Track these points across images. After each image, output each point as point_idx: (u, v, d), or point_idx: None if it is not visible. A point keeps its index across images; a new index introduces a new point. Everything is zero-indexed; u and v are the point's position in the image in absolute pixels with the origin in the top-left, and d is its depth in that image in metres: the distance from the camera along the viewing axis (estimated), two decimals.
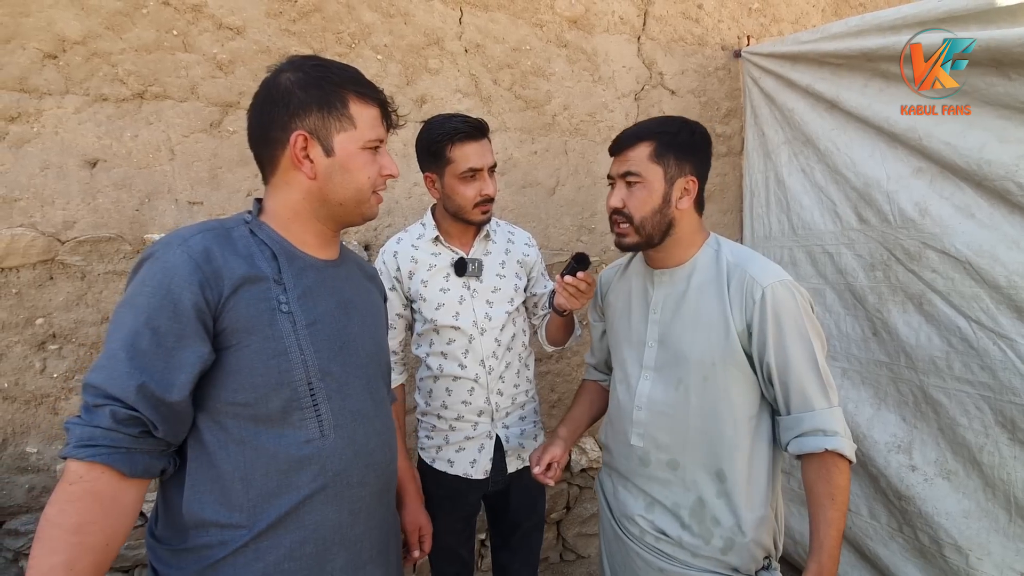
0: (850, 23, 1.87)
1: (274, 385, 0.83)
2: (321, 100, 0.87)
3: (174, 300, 0.77)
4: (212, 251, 0.81)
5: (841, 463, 1.02)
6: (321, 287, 0.92)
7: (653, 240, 1.13)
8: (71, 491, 0.72)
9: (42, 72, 1.56)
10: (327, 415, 0.88)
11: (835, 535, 0.99)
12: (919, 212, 1.70)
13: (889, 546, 1.81)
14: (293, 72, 0.88)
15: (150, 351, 0.76)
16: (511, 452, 1.49)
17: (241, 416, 0.82)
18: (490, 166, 1.38)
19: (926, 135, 1.65)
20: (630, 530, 1.18)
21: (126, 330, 0.76)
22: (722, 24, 2.55)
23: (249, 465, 0.82)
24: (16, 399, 1.57)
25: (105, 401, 0.74)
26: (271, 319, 0.84)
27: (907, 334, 1.76)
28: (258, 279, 0.84)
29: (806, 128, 2.10)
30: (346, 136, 0.88)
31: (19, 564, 1.59)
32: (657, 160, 1.11)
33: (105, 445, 0.73)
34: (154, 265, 0.79)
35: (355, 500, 0.91)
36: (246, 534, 0.82)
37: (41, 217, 1.57)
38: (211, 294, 0.79)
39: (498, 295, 1.46)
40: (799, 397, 1.04)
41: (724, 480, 1.08)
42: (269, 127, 0.88)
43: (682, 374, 1.11)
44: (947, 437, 1.68)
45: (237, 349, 0.81)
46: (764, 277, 1.06)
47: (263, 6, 1.78)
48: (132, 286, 0.79)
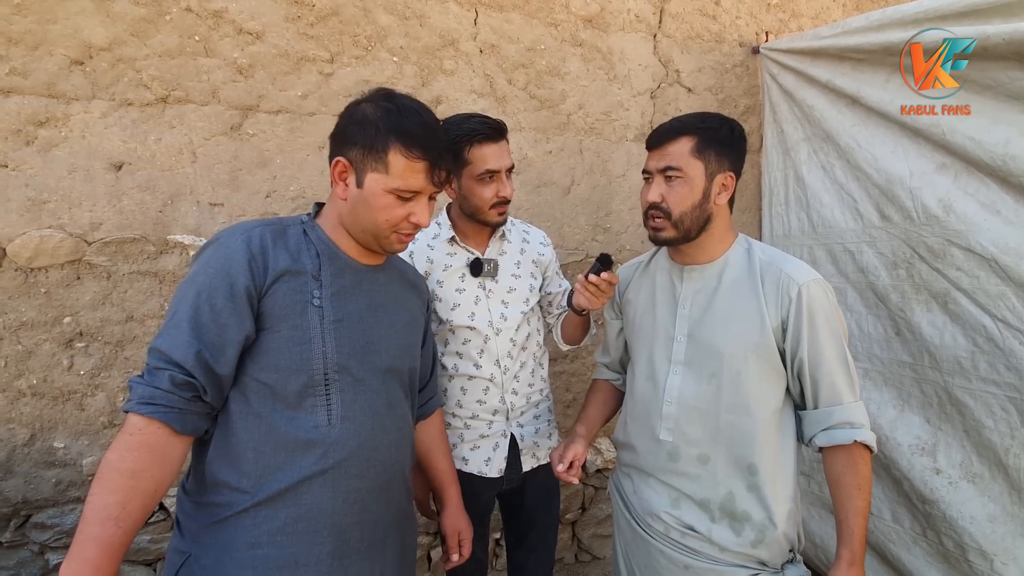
0: (871, 17, 1.84)
1: (295, 369, 0.91)
2: (367, 140, 0.96)
3: (231, 282, 0.87)
4: (266, 243, 0.93)
5: (866, 454, 1.06)
6: (355, 288, 1.01)
7: (690, 235, 1.14)
8: (130, 440, 0.81)
9: (69, 78, 1.61)
10: (337, 406, 0.95)
11: (864, 523, 1.04)
12: (943, 209, 1.66)
13: (912, 551, 1.77)
14: (368, 104, 0.99)
15: (208, 325, 0.86)
16: (526, 451, 1.49)
17: (263, 393, 0.91)
18: (508, 168, 1.38)
19: (950, 130, 1.62)
20: (653, 528, 1.18)
21: (188, 303, 0.86)
22: (740, 20, 2.52)
23: (262, 438, 0.90)
24: (44, 395, 1.61)
25: (167, 366, 0.83)
26: (302, 310, 0.93)
27: (931, 334, 1.72)
28: (298, 273, 0.94)
29: (826, 124, 2.07)
30: (376, 176, 0.96)
31: (45, 557, 1.64)
32: (699, 155, 1.11)
33: (163, 404, 0.82)
34: (218, 249, 0.90)
35: (351, 491, 0.96)
36: (248, 499, 0.90)
37: (69, 219, 1.61)
38: (258, 280, 0.90)
39: (513, 295, 1.46)
40: (829, 391, 1.07)
41: (756, 473, 1.09)
42: (333, 144, 1.01)
43: (715, 368, 1.12)
44: (972, 439, 1.64)
45: (270, 332, 0.91)
46: (800, 275, 1.09)
47: (282, 11, 1.81)
48: (197, 265, 0.90)
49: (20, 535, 1.61)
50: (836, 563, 1.04)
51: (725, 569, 1.09)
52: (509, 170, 1.39)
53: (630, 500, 1.25)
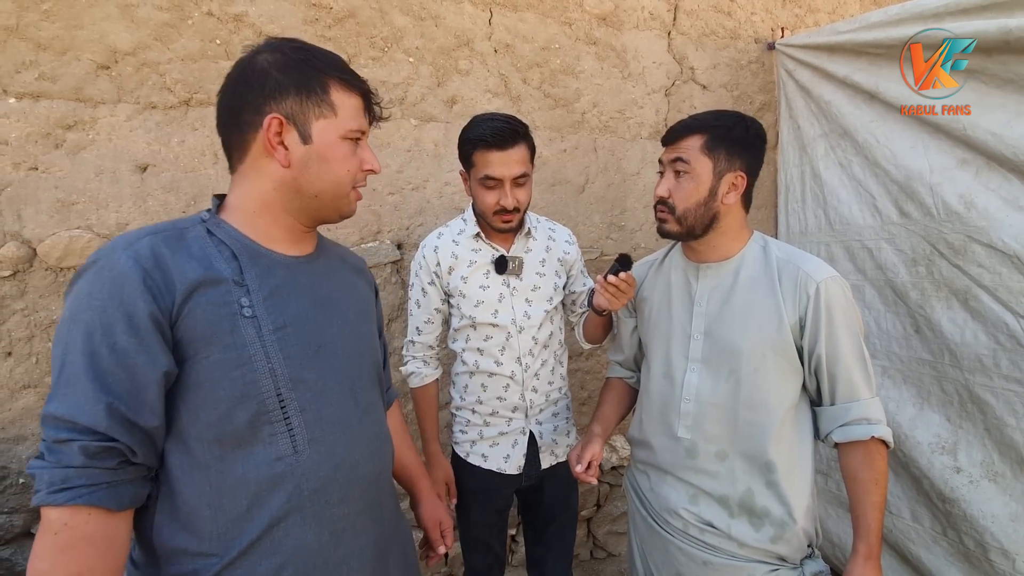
0: (890, 12, 1.82)
1: (239, 398, 0.75)
2: (300, 84, 0.80)
3: (127, 312, 0.69)
4: (161, 254, 0.74)
5: (883, 449, 1.07)
6: (292, 286, 0.84)
7: (694, 232, 1.15)
8: (59, 541, 0.65)
9: (96, 82, 1.65)
10: (300, 428, 0.80)
11: (880, 518, 1.05)
12: (964, 205, 1.64)
13: (932, 550, 1.75)
14: (271, 53, 0.81)
15: (112, 370, 0.68)
16: (544, 448, 1.50)
17: (205, 437, 0.75)
18: (514, 176, 1.34)
19: (971, 125, 1.60)
20: (672, 524, 1.19)
21: (79, 351, 0.68)
22: (755, 16, 2.51)
23: (215, 491, 0.75)
24: None
25: (73, 435, 0.66)
26: (232, 326, 0.76)
27: (952, 331, 1.70)
28: (215, 282, 0.76)
29: (844, 120, 2.05)
30: (325, 123, 0.82)
31: None
32: (708, 152, 1.12)
33: (84, 485, 0.66)
34: (99, 275, 0.70)
35: (336, 520, 0.83)
36: (217, 562, 0.75)
37: (96, 219, 1.66)
38: (164, 302, 0.72)
39: (537, 293, 1.47)
40: (846, 387, 1.08)
41: (774, 470, 1.09)
42: (240, 109, 0.80)
43: (733, 365, 1.12)
44: (994, 438, 1.62)
45: (196, 361, 0.74)
46: (817, 273, 1.09)
47: (300, 14, 1.83)
48: (74, 300, 0.71)
49: None
50: (853, 557, 1.05)
51: (744, 565, 1.09)
52: (519, 178, 1.35)
53: (647, 497, 1.26)
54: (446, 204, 2.06)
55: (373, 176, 1.95)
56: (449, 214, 2.04)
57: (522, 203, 1.38)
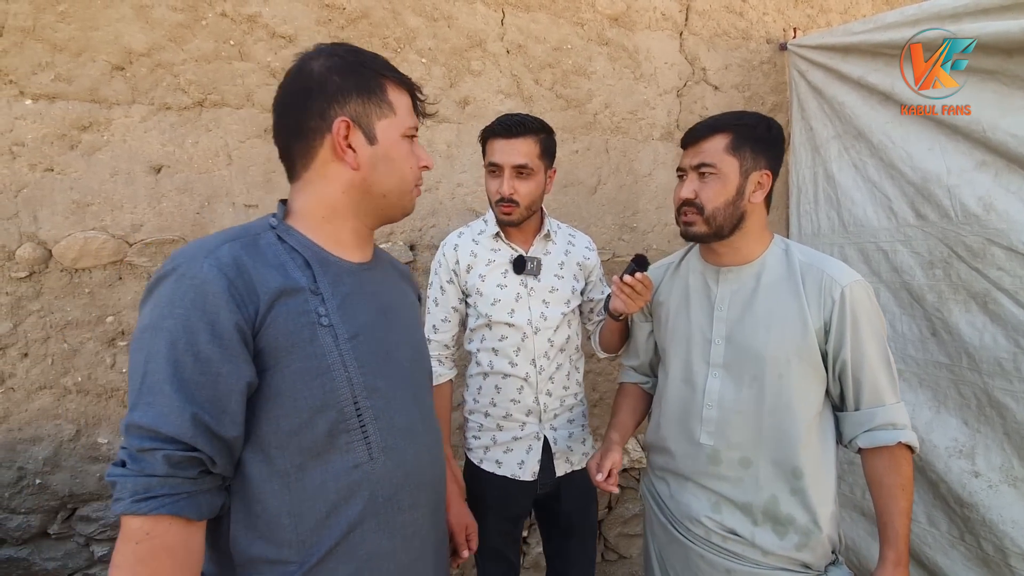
0: (907, 12, 1.80)
1: (319, 407, 0.76)
2: (360, 85, 0.81)
3: (211, 320, 0.69)
4: (243, 262, 0.73)
5: (909, 455, 1.06)
6: (359, 294, 0.85)
7: (723, 232, 1.14)
8: (140, 551, 0.65)
9: (111, 83, 1.65)
10: (375, 436, 0.81)
11: (908, 524, 1.04)
12: (983, 207, 1.62)
13: (950, 555, 1.74)
14: (326, 58, 0.82)
15: (196, 379, 0.68)
16: (559, 455, 1.48)
17: (287, 446, 0.75)
18: (514, 164, 1.35)
19: (991, 127, 1.58)
20: (693, 532, 1.17)
21: (162, 359, 0.67)
22: (767, 17, 2.49)
23: (295, 499, 0.76)
24: (89, 392, 1.66)
25: (157, 445, 0.66)
26: (312, 335, 0.76)
27: (970, 334, 1.68)
28: (294, 291, 0.76)
29: (858, 121, 2.03)
30: (387, 123, 0.83)
31: (90, 548, 1.69)
32: (733, 152, 1.11)
33: (167, 494, 0.66)
34: (180, 282, 0.69)
35: (406, 525, 0.85)
36: (296, 570, 0.75)
37: (111, 220, 1.66)
38: (248, 311, 0.71)
39: (555, 295, 1.46)
40: (871, 392, 1.07)
41: (800, 476, 1.08)
42: (304, 116, 0.81)
43: (756, 371, 1.11)
44: (1014, 442, 1.60)
45: (277, 371, 0.74)
46: (842, 277, 1.08)
47: (313, 15, 1.83)
48: (155, 308, 0.70)
49: (67, 527, 1.66)
50: (881, 564, 1.03)
51: (768, 573, 1.08)
52: (520, 168, 1.36)
53: (666, 504, 1.24)
54: (458, 205, 2.05)
55: None
56: (461, 215, 2.03)
57: (521, 195, 1.37)
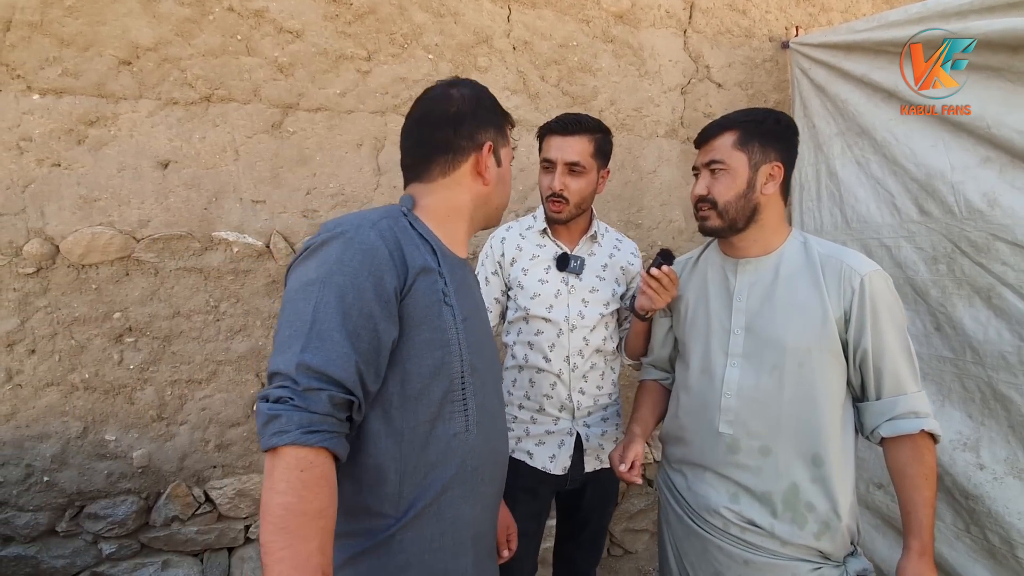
0: (910, 10, 1.82)
1: (437, 375, 0.84)
2: (496, 119, 0.98)
3: (377, 282, 0.78)
4: (397, 237, 0.84)
5: (931, 444, 1.07)
6: (464, 283, 0.95)
7: (737, 225, 1.16)
8: (306, 477, 0.70)
9: (118, 78, 1.64)
10: (472, 410, 0.89)
11: (932, 514, 1.04)
12: (988, 203, 1.64)
13: (955, 546, 1.76)
14: (471, 90, 0.97)
15: (362, 333, 0.75)
16: (590, 452, 1.49)
17: (406, 406, 0.83)
18: (567, 161, 1.38)
19: (995, 123, 1.60)
20: (711, 523, 1.18)
21: (332, 308, 0.74)
22: (769, 15, 2.51)
23: (404, 458, 0.83)
24: (96, 389, 1.65)
25: (325, 385, 0.72)
26: (439, 311, 0.85)
27: (974, 329, 1.70)
28: (430, 270, 0.86)
29: (861, 119, 2.05)
30: (506, 151, 1.01)
31: (98, 546, 1.68)
32: (741, 147, 1.14)
33: (327, 430, 0.72)
34: (350, 245, 0.78)
35: (486, 496, 0.93)
36: (393, 523, 0.82)
37: (118, 216, 1.65)
38: (401, 280, 0.81)
39: (595, 296, 1.47)
40: (892, 381, 1.08)
41: (821, 465, 1.09)
42: (455, 134, 0.94)
43: (776, 360, 1.12)
44: (1018, 435, 1.62)
45: (409, 337, 0.82)
46: (862, 267, 1.10)
47: (320, 9, 1.83)
48: (323, 264, 0.77)
49: (75, 525, 1.65)
50: (906, 554, 1.04)
51: (787, 563, 1.09)
52: (573, 165, 1.39)
53: (683, 496, 1.25)
54: None
55: (389, 174, 1.96)
56: None
57: (571, 191, 1.40)
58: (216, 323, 1.76)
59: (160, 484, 1.72)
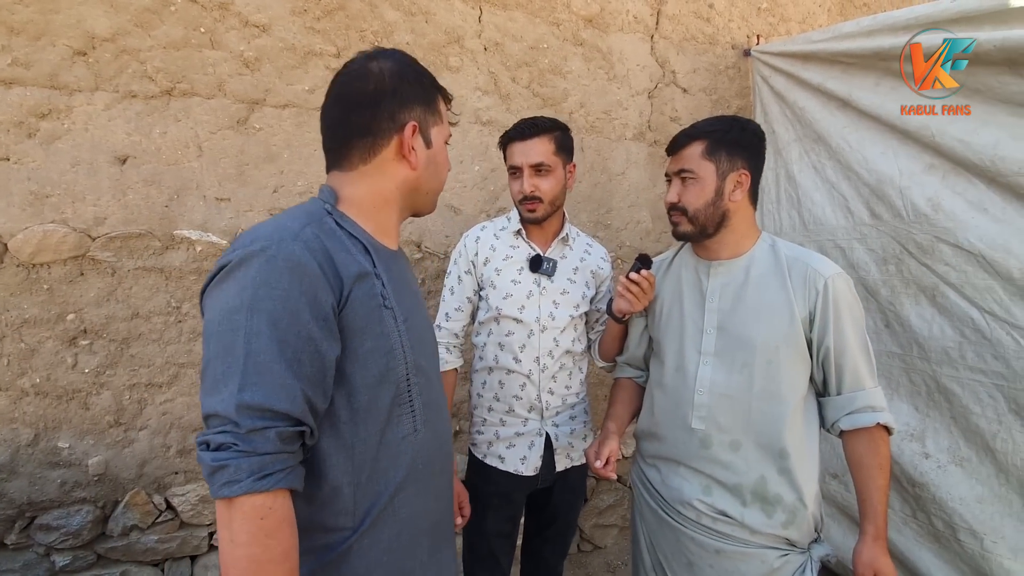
0: (862, 23, 1.91)
1: (383, 383, 0.81)
2: (422, 94, 0.89)
3: (312, 301, 0.72)
4: (326, 246, 0.76)
5: (886, 436, 1.15)
6: (401, 279, 0.91)
7: (707, 230, 1.21)
8: (267, 525, 0.68)
9: (72, 69, 1.57)
10: (419, 410, 0.87)
11: (885, 500, 1.12)
12: (932, 207, 1.74)
13: (903, 532, 1.86)
14: (393, 63, 0.87)
15: (303, 358, 0.70)
16: (560, 451, 1.51)
17: (354, 420, 0.79)
18: (531, 163, 1.41)
19: (939, 132, 1.70)
20: (684, 515, 1.22)
21: (266, 338, 0.68)
22: (732, 23, 2.59)
23: (356, 470, 0.80)
24: (48, 394, 1.57)
25: (269, 422, 0.68)
26: (380, 316, 0.81)
27: (920, 326, 1.81)
28: (366, 275, 0.80)
29: (817, 126, 2.14)
30: (437, 129, 0.92)
31: (51, 559, 1.60)
32: (709, 157, 1.18)
33: (279, 469, 0.69)
34: (273, 263, 0.71)
35: (438, 487, 0.93)
36: (351, 535, 0.80)
37: (72, 213, 1.58)
38: (336, 293, 0.75)
39: (566, 298, 1.49)
40: (852, 377, 1.14)
41: (787, 457, 1.14)
42: (374, 116, 0.85)
43: (747, 358, 1.17)
44: (960, 425, 1.73)
45: (352, 349, 0.78)
46: (825, 270, 1.16)
47: (288, 4, 1.79)
48: (246, 289, 0.70)
49: (25, 537, 1.57)
50: (861, 538, 1.11)
51: (756, 551, 1.14)
52: (538, 166, 1.41)
53: (657, 490, 1.29)
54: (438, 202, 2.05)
55: None
56: (440, 212, 2.03)
57: (543, 192, 1.42)
58: (178, 324, 1.70)
59: (118, 492, 1.65)
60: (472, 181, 2.08)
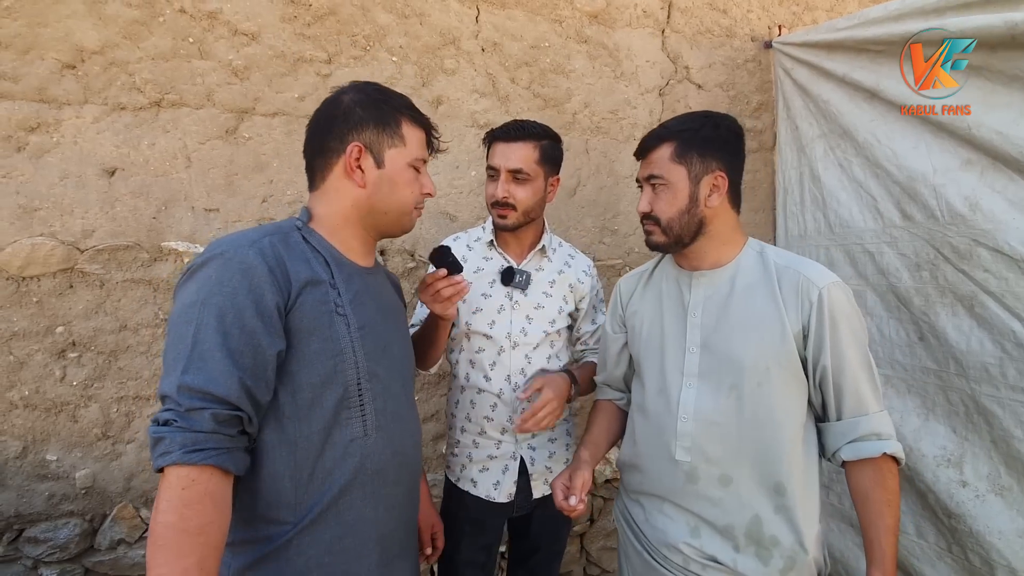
0: (890, 7, 1.75)
1: (330, 384, 0.87)
2: (379, 118, 0.96)
3: (257, 299, 0.80)
4: (280, 253, 0.86)
5: (895, 467, 1.00)
6: (365, 293, 0.98)
7: (683, 240, 1.10)
8: (187, 495, 0.73)
9: (61, 82, 1.57)
10: (371, 415, 0.92)
11: (895, 542, 0.98)
12: (969, 207, 1.57)
13: (937, 567, 1.68)
14: (355, 93, 0.97)
15: (243, 349, 0.78)
16: (537, 476, 1.41)
17: (298, 417, 0.85)
18: (510, 168, 1.33)
19: (976, 124, 1.53)
20: (671, 560, 1.10)
21: (211, 329, 0.77)
22: (751, 14, 2.44)
23: (299, 466, 0.85)
24: (36, 407, 1.58)
25: (206, 404, 0.75)
26: (330, 321, 0.88)
27: (957, 339, 1.63)
28: (318, 282, 0.89)
29: (843, 120, 1.98)
30: (396, 152, 0.97)
31: (39, 572, 1.61)
32: (679, 160, 1.07)
33: (212, 448, 0.75)
34: (228, 265, 0.81)
35: (390, 497, 0.95)
36: (290, 530, 0.85)
37: (61, 226, 1.58)
38: (283, 294, 0.84)
39: (540, 312, 1.41)
40: (853, 400, 1.01)
41: (783, 494, 1.01)
42: (327, 138, 0.95)
43: (734, 380, 1.04)
44: (1000, 450, 1.55)
45: (299, 348, 0.85)
46: (819, 278, 1.03)
47: (278, 11, 1.76)
48: (203, 286, 0.80)
49: (13, 549, 1.57)
50: None
51: None
52: (516, 173, 1.34)
53: (641, 530, 1.17)
54: (430, 208, 1.98)
55: None
56: (434, 219, 1.97)
57: (518, 200, 1.34)
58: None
59: (106, 505, 1.65)
60: (468, 187, 2.01)
